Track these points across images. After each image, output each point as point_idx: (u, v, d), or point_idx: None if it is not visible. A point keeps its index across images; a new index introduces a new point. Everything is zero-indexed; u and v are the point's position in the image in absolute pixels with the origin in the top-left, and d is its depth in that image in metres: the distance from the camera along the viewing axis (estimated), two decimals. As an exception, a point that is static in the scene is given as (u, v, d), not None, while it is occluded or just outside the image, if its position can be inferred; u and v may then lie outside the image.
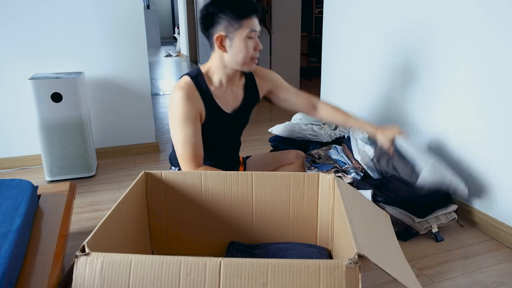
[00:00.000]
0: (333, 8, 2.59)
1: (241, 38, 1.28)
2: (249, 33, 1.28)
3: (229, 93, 1.44)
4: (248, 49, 1.30)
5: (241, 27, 1.27)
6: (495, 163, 1.59)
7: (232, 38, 1.29)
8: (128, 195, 1.06)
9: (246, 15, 1.27)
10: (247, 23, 1.28)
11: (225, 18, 1.27)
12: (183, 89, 1.31)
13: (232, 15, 1.26)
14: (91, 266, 0.75)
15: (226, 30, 1.28)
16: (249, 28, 1.28)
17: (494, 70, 1.55)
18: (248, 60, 1.33)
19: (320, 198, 1.22)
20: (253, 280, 0.73)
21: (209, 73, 1.39)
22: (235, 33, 1.28)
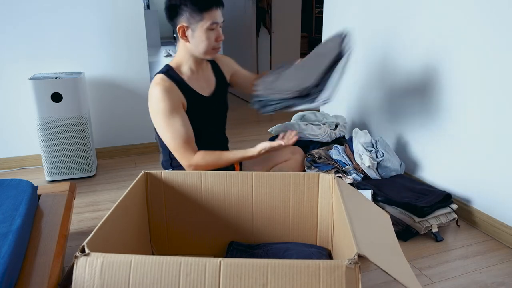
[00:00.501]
0: (333, 8, 2.59)
1: (202, 29, 1.34)
2: (210, 25, 1.34)
3: (202, 78, 1.50)
4: (209, 40, 1.36)
5: (202, 19, 1.33)
6: (495, 163, 1.59)
7: (194, 29, 1.35)
8: (128, 195, 1.06)
9: (207, 8, 1.32)
10: (208, 15, 1.33)
11: (186, 9, 1.32)
12: (159, 84, 1.36)
13: (193, 7, 1.31)
14: (91, 267, 0.75)
15: (188, 21, 1.34)
16: (211, 20, 1.33)
17: (496, 70, 1.55)
18: (210, 50, 1.39)
19: (320, 198, 1.22)
20: (253, 280, 0.73)
21: (178, 65, 1.45)
22: (196, 24, 1.34)
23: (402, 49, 2.02)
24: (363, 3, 2.28)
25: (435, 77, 1.84)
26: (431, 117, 1.88)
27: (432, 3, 1.80)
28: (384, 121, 2.22)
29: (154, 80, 1.39)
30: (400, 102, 2.09)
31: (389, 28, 2.09)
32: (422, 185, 1.79)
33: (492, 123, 1.59)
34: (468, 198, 1.74)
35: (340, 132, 2.24)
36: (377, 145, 1.94)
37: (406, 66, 2.01)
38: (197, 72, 1.48)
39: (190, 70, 1.45)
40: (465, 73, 1.68)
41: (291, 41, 4.21)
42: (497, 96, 1.55)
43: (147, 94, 2.59)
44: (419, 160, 1.99)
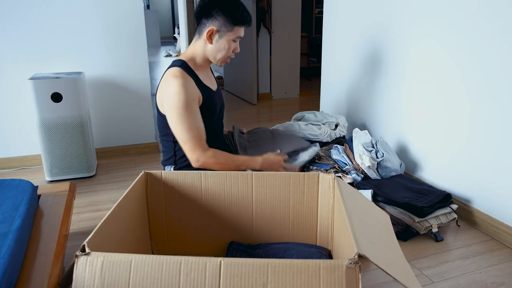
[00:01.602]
0: (333, 8, 2.59)
1: (228, 39, 1.45)
2: (236, 38, 1.46)
3: (207, 75, 1.58)
4: (229, 50, 1.47)
5: (231, 31, 1.44)
6: (495, 163, 1.59)
7: (221, 36, 1.44)
8: (128, 195, 1.06)
9: (240, 23, 1.44)
10: (238, 29, 1.45)
11: (222, 17, 1.42)
12: (179, 77, 1.39)
13: (229, 18, 1.42)
14: (91, 266, 0.75)
15: (219, 27, 1.43)
16: (238, 34, 1.45)
17: (497, 71, 1.55)
18: (225, 58, 1.49)
19: (320, 198, 1.22)
20: (253, 280, 0.73)
21: (192, 60, 1.50)
22: (225, 33, 1.44)
23: (403, 49, 2.02)
24: (363, 3, 2.28)
25: (435, 77, 1.84)
26: (431, 117, 1.88)
27: (433, 3, 1.80)
28: (384, 121, 2.22)
29: (172, 73, 1.41)
30: (400, 102, 2.09)
31: (390, 28, 2.09)
32: (422, 185, 1.79)
33: (492, 123, 1.59)
34: (468, 198, 1.74)
35: (340, 132, 2.24)
36: (377, 145, 1.94)
37: (406, 66, 2.01)
38: (205, 69, 1.57)
39: (200, 66, 1.53)
40: (466, 73, 1.68)
41: (291, 41, 4.21)
42: (498, 96, 1.55)
43: (147, 94, 2.60)
44: (419, 160, 1.99)
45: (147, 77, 2.55)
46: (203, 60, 1.51)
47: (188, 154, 1.39)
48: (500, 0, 1.49)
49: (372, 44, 2.25)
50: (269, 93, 4.35)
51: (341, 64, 2.59)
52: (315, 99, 3.50)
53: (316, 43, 5.50)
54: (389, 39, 2.11)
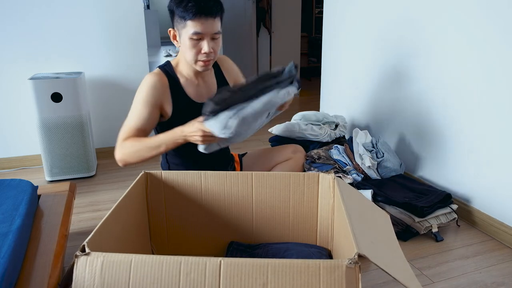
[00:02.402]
0: (333, 8, 2.59)
1: (186, 37, 1.26)
2: (192, 35, 1.24)
3: (202, 84, 1.43)
4: (192, 50, 1.27)
5: (185, 27, 1.25)
6: (495, 163, 1.59)
7: (180, 35, 1.29)
8: (128, 195, 1.06)
9: (190, 16, 1.22)
10: (192, 24, 1.23)
11: (175, 14, 1.27)
12: (153, 75, 1.33)
13: (179, 13, 1.25)
14: (91, 266, 0.75)
15: (176, 26, 1.30)
16: (193, 29, 1.23)
17: (498, 71, 1.55)
18: (194, 61, 1.29)
19: (320, 198, 1.22)
20: (253, 280, 0.73)
21: (178, 65, 1.40)
22: (181, 30, 1.27)
23: (402, 48, 2.02)
24: (363, 3, 2.28)
25: (435, 77, 1.84)
26: (431, 117, 1.88)
27: (435, 3, 1.80)
28: (384, 121, 2.22)
29: (151, 72, 1.37)
30: (400, 102, 2.09)
31: (389, 28, 2.09)
32: (422, 185, 1.79)
33: (492, 123, 1.59)
34: (468, 198, 1.74)
35: (340, 132, 2.24)
36: (377, 145, 1.94)
37: (406, 66, 2.01)
38: (196, 78, 1.41)
39: (188, 74, 1.39)
40: (466, 73, 1.68)
41: (291, 41, 4.21)
42: (498, 96, 1.55)
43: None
44: (419, 160, 1.99)
45: (147, 77, 2.55)
46: (188, 67, 1.37)
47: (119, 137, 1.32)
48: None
49: (372, 44, 2.25)
50: (269, 93, 4.34)
51: (341, 64, 2.59)
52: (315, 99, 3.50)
53: (316, 43, 5.50)
54: (389, 39, 2.11)
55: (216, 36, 1.28)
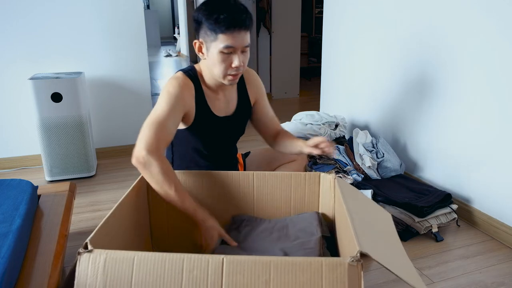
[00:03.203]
0: (333, 8, 2.59)
1: (216, 51, 1.19)
2: (223, 49, 1.17)
3: (222, 98, 1.37)
4: (221, 65, 1.20)
5: (216, 40, 1.17)
6: (495, 163, 1.59)
7: (208, 48, 1.21)
8: (129, 194, 1.06)
9: (223, 30, 1.15)
10: (223, 37, 1.16)
11: (205, 27, 1.19)
12: (179, 79, 1.26)
13: (210, 26, 1.17)
14: (94, 263, 0.75)
15: (204, 38, 1.21)
16: (225, 43, 1.16)
17: (495, 71, 1.55)
18: (223, 75, 1.23)
19: (321, 198, 1.22)
20: (256, 277, 0.73)
21: (202, 73, 1.33)
22: (211, 43, 1.19)
23: (402, 48, 2.02)
24: (363, 3, 2.28)
25: (435, 77, 1.84)
26: (431, 117, 1.88)
27: (435, 3, 1.80)
28: (384, 121, 2.22)
29: (175, 75, 1.28)
30: (400, 102, 2.09)
31: (389, 28, 2.09)
32: (422, 185, 1.79)
33: (492, 123, 1.59)
34: (468, 198, 1.74)
35: (340, 132, 2.24)
36: (378, 146, 1.94)
37: (406, 65, 2.01)
38: (217, 91, 1.34)
39: (210, 85, 1.33)
40: (466, 73, 1.68)
41: (291, 41, 4.22)
42: (498, 96, 1.55)
43: (147, 94, 2.60)
44: (419, 160, 1.99)
45: (147, 77, 2.55)
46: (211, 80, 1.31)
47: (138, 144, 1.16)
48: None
49: (372, 44, 2.25)
50: (269, 93, 4.35)
51: (341, 64, 2.59)
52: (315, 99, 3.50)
53: (316, 43, 5.50)
54: (389, 39, 2.11)
55: (246, 49, 1.22)
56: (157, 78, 5.84)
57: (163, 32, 11.02)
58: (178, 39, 9.12)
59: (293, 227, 1.16)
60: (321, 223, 1.16)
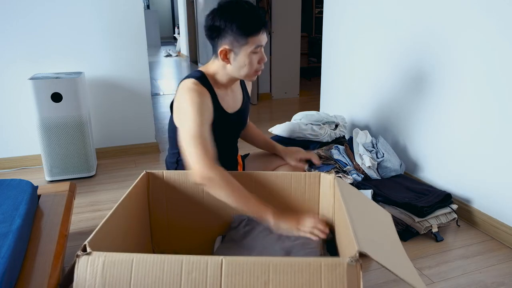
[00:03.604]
0: (333, 8, 2.59)
1: (246, 54, 1.26)
2: (255, 49, 1.26)
3: (230, 95, 1.43)
4: (252, 64, 1.28)
5: (247, 44, 1.24)
6: (495, 163, 1.59)
7: (237, 53, 1.26)
8: (129, 194, 1.06)
9: (253, 33, 1.23)
10: (253, 39, 1.24)
11: (231, 33, 1.23)
12: (195, 90, 1.26)
13: (238, 31, 1.22)
14: (93, 265, 0.75)
15: (232, 44, 1.25)
16: (255, 44, 1.25)
17: (495, 71, 1.55)
18: (252, 73, 1.31)
19: (321, 198, 1.22)
20: (254, 278, 0.73)
21: (213, 76, 1.37)
22: (240, 48, 1.25)
23: (402, 48, 2.02)
24: (363, 3, 2.28)
25: (435, 77, 1.84)
26: (431, 117, 1.88)
27: (435, 3, 1.80)
28: (384, 121, 2.22)
29: (188, 84, 1.27)
30: (400, 102, 2.09)
31: (388, 27, 2.09)
32: (422, 185, 1.79)
33: (492, 123, 1.59)
34: (468, 198, 1.74)
35: (340, 132, 2.24)
36: (377, 146, 1.94)
37: (405, 66, 2.01)
38: (227, 89, 1.41)
39: (221, 84, 1.38)
40: (466, 73, 1.68)
41: (291, 41, 4.21)
42: (498, 96, 1.55)
43: (147, 94, 2.60)
44: (419, 160, 1.99)
45: (147, 77, 2.55)
46: (227, 79, 1.36)
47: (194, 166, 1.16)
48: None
49: (372, 44, 2.25)
50: (269, 93, 4.35)
51: (341, 64, 2.59)
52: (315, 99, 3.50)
53: (316, 43, 5.50)
54: (389, 39, 2.11)
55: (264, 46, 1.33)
56: (157, 78, 5.84)
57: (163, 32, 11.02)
58: (178, 39, 9.12)
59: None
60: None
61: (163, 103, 4.23)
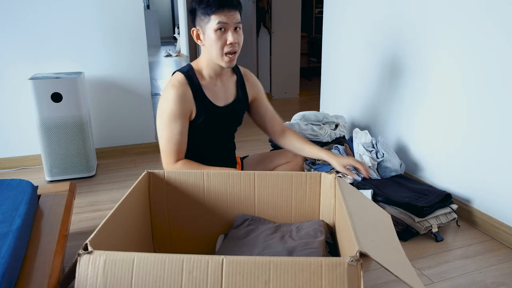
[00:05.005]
0: (333, 8, 2.59)
1: (211, 31, 1.31)
2: (217, 25, 1.29)
3: (220, 87, 1.47)
4: (217, 42, 1.31)
5: (209, 21, 1.31)
6: (495, 163, 1.59)
7: (204, 31, 1.34)
8: (130, 194, 1.06)
9: (215, 10, 1.29)
10: (215, 16, 1.29)
11: (199, 14, 1.33)
12: (175, 87, 1.36)
13: (202, 10, 1.31)
14: (94, 264, 0.75)
15: (199, 24, 1.35)
16: (217, 20, 1.29)
17: (495, 71, 1.55)
18: (220, 55, 1.34)
19: (322, 198, 1.22)
20: (255, 277, 0.73)
21: (200, 68, 1.43)
22: (205, 27, 1.33)
23: (403, 48, 2.02)
24: (363, 3, 2.28)
25: (435, 77, 1.84)
26: (431, 117, 1.88)
27: (435, 4, 1.80)
28: (384, 121, 2.22)
29: (172, 80, 1.38)
30: (400, 102, 2.09)
31: (389, 27, 2.09)
32: (422, 185, 1.79)
33: (492, 123, 1.59)
34: (468, 198, 1.74)
35: (340, 132, 2.24)
36: (378, 145, 1.94)
37: (406, 66, 2.01)
38: (216, 80, 1.45)
39: (209, 76, 1.43)
40: (466, 73, 1.68)
41: (291, 41, 4.22)
42: (498, 96, 1.55)
43: (147, 94, 2.60)
44: (419, 160, 1.99)
45: (147, 77, 2.55)
46: (211, 68, 1.42)
47: (163, 163, 1.39)
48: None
49: (372, 44, 2.25)
50: (269, 93, 4.35)
51: (341, 64, 2.59)
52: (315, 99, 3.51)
53: (316, 43, 5.50)
54: (389, 39, 2.11)
55: (239, 26, 1.35)
56: (157, 78, 5.84)
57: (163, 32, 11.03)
58: (178, 39, 9.12)
59: (298, 231, 1.17)
60: (325, 229, 1.16)
61: (163, 103, 4.23)
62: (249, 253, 1.09)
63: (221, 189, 1.23)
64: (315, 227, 1.16)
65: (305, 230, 1.16)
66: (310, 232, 1.14)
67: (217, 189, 1.23)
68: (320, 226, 1.16)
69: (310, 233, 1.14)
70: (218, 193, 1.23)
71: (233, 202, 1.24)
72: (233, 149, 1.66)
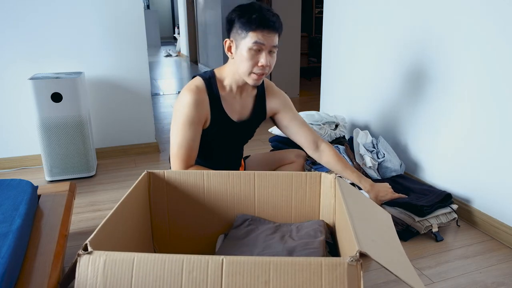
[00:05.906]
0: (333, 8, 2.59)
1: (245, 48, 1.27)
2: (252, 45, 1.26)
3: (238, 101, 1.44)
4: (249, 62, 1.28)
5: (246, 37, 1.27)
6: (495, 163, 1.59)
7: (238, 45, 1.30)
8: (130, 194, 1.06)
9: (254, 28, 1.25)
10: (253, 34, 1.26)
11: (237, 26, 1.29)
12: (193, 92, 1.33)
13: (242, 25, 1.27)
14: (94, 265, 0.75)
15: (235, 37, 1.31)
16: (254, 39, 1.25)
17: (495, 71, 1.55)
18: (248, 73, 1.31)
19: (322, 198, 1.22)
20: (255, 278, 0.73)
21: (222, 77, 1.40)
22: (240, 41, 1.29)
23: (403, 48, 2.02)
24: (363, 3, 2.28)
25: (435, 77, 1.84)
26: (431, 117, 1.88)
27: (434, 4, 1.80)
28: (384, 121, 2.22)
29: (191, 84, 1.35)
30: (400, 102, 2.09)
31: (389, 27, 2.09)
32: (422, 185, 1.79)
33: (492, 123, 1.59)
34: (468, 198, 1.74)
35: (340, 132, 2.24)
36: (378, 146, 1.94)
37: (406, 66, 2.01)
38: (235, 94, 1.42)
39: (230, 87, 1.40)
40: (467, 73, 1.68)
41: (291, 41, 4.21)
42: (498, 96, 1.55)
43: (147, 94, 2.60)
44: (419, 160, 1.99)
45: (147, 77, 2.55)
46: (232, 80, 1.38)
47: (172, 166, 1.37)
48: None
49: (372, 44, 2.25)
50: (269, 93, 4.35)
51: (341, 64, 2.59)
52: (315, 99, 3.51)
53: (316, 43, 5.50)
54: (389, 39, 2.11)
55: (274, 50, 1.31)
56: (157, 78, 5.84)
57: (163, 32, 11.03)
58: (178, 39, 9.12)
59: (298, 231, 1.17)
60: (325, 229, 1.16)
61: (163, 103, 4.23)
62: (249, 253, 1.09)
63: (221, 189, 1.23)
64: (315, 227, 1.16)
65: (305, 230, 1.16)
66: (310, 232, 1.14)
67: (217, 189, 1.23)
68: (320, 226, 1.16)
69: (310, 233, 1.14)
70: (218, 193, 1.23)
71: (233, 202, 1.24)
72: (241, 156, 1.65)
